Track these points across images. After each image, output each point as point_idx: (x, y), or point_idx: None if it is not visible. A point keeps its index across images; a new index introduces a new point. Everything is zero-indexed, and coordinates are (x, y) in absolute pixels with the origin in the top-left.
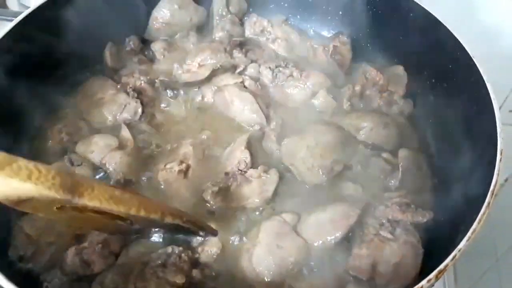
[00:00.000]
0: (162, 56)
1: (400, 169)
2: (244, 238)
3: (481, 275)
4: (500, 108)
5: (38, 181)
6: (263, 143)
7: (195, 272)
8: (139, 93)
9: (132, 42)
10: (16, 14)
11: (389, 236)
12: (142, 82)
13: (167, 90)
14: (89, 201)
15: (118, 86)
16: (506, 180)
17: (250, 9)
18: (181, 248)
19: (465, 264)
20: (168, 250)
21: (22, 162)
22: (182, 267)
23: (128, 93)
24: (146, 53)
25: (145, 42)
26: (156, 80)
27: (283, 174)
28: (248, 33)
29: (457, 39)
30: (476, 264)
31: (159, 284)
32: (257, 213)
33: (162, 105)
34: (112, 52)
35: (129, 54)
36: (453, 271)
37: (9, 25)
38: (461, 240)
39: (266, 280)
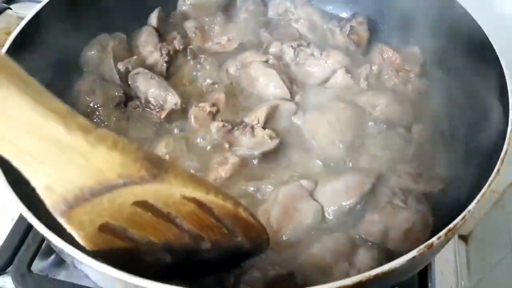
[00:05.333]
0: (194, 35)
1: (414, 143)
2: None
3: (495, 265)
4: None
5: (124, 151)
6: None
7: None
8: (170, 57)
9: (176, 16)
10: None
11: (401, 204)
12: (180, 47)
13: (195, 59)
14: (174, 178)
15: (159, 46)
16: None
17: None
18: None
19: (478, 253)
20: None
21: (103, 131)
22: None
23: (162, 55)
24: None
25: None
26: (188, 48)
27: (303, 146)
28: (272, 13)
29: (476, 21)
30: (489, 254)
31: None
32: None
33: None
34: (160, 16)
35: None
36: (466, 261)
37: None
38: (470, 202)
39: (283, 239)
